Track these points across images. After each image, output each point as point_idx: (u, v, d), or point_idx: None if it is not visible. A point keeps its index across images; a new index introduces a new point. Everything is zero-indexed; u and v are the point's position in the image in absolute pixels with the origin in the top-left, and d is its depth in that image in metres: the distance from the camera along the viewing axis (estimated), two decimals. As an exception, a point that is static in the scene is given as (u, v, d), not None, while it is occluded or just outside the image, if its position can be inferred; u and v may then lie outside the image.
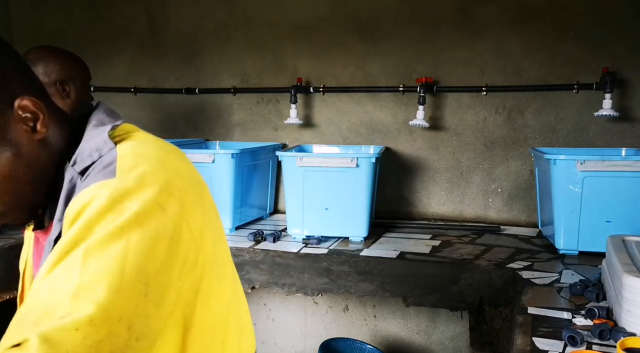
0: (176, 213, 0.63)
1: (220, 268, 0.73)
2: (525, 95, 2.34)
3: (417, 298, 1.90)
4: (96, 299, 0.52)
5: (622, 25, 2.18)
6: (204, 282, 0.68)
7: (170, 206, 0.62)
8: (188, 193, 0.66)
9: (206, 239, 0.68)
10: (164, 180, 0.64)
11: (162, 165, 0.66)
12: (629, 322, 1.24)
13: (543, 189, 2.14)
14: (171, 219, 0.62)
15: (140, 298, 0.55)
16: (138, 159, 0.65)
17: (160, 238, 0.59)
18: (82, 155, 0.69)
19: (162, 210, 0.61)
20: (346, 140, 2.61)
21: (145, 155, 0.67)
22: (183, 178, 0.67)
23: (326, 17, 2.54)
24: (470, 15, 2.36)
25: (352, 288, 1.96)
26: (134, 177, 0.62)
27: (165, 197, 0.62)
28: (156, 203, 0.61)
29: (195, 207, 0.66)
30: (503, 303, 1.80)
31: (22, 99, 0.67)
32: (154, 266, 0.58)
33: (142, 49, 2.86)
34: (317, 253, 1.99)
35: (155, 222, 0.60)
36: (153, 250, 0.58)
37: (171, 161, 0.68)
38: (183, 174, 0.68)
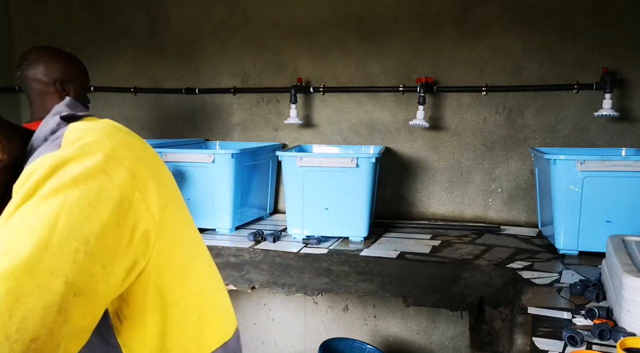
0: (125, 181, 0.62)
1: (194, 250, 0.74)
2: (525, 95, 2.34)
3: (417, 298, 1.90)
4: (20, 253, 0.52)
5: (622, 25, 2.19)
6: (178, 262, 0.69)
7: (118, 174, 0.62)
8: (141, 167, 0.65)
9: (172, 219, 0.68)
10: (111, 149, 0.63)
11: (110, 136, 0.66)
12: (629, 322, 1.24)
13: (543, 189, 2.14)
14: (118, 186, 0.61)
15: (77, 254, 0.55)
16: (84, 131, 0.65)
17: (102, 202, 0.59)
18: (37, 140, 0.70)
19: (107, 176, 0.61)
20: (346, 140, 2.61)
21: (93, 129, 0.66)
22: (134, 151, 0.67)
23: (326, 17, 2.54)
24: (470, 15, 2.36)
25: (352, 288, 1.96)
26: (78, 147, 0.62)
27: (113, 165, 0.62)
28: (99, 169, 0.60)
29: (149, 182, 0.66)
30: (503, 303, 1.80)
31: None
32: (95, 227, 0.57)
33: (142, 49, 2.86)
34: (317, 253, 1.99)
35: (98, 185, 0.59)
36: (93, 211, 0.58)
37: (122, 135, 0.68)
38: (134, 148, 0.67)
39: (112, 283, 0.60)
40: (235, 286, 2.09)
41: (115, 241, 0.59)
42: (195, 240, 0.76)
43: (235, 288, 2.10)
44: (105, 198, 0.59)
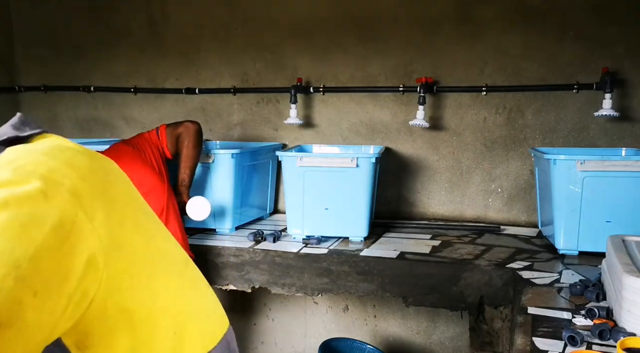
0: (65, 202, 0.57)
1: (162, 264, 0.70)
2: (525, 95, 2.34)
3: (417, 298, 1.90)
4: None
5: (622, 25, 2.18)
6: (142, 279, 0.64)
7: (57, 195, 0.57)
8: (85, 185, 0.61)
9: (130, 236, 0.64)
10: (48, 169, 0.59)
11: (48, 156, 0.61)
12: (629, 322, 1.24)
13: (543, 189, 2.14)
14: (56, 207, 0.56)
15: (4, 280, 0.50)
16: (20, 153, 0.61)
17: (37, 224, 0.54)
18: None
19: (44, 197, 0.56)
20: (346, 140, 2.61)
21: (29, 150, 0.62)
22: (77, 170, 0.62)
23: (326, 17, 2.54)
24: (470, 15, 2.36)
25: (352, 288, 1.96)
26: (11, 169, 0.57)
27: (51, 185, 0.57)
28: (36, 190, 0.56)
29: (96, 201, 0.61)
30: (503, 303, 1.80)
31: None
32: (28, 250, 0.53)
33: (142, 49, 2.86)
34: (317, 253, 1.99)
35: (32, 206, 0.55)
36: (25, 233, 0.53)
37: (65, 154, 0.63)
38: (78, 166, 0.62)
39: (49, 312, 0.55)
40: (235, 286, 2.09)
41: (53, 267, 0.54)
42: (162, 252, 0.71)
43: (235, 288, 2.10)
44: (41, 219, 0.55)
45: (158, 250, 0.70)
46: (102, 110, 2.93)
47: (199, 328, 0.73)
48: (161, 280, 0.68)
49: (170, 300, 0.69)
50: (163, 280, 0.68)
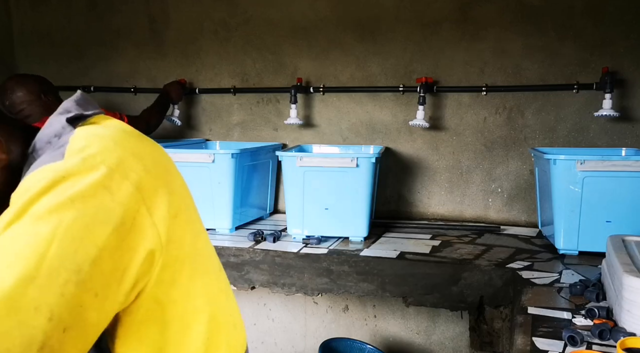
0: (129, 197, 0.57)
1: (204, 263, 0.69)
2: (525, 95, 2.34)
3: (417, 298, 1.90)
4: (2, 285, 0.48)
5: (622, 25, 2.18)
6: (184, 277, 0.63)
7: (122, 189, 0.57)
8: (149, 178, 0.60)
9: (181, 231, 0.63)
10: (116, 161, 0.58)
11: (117, 145, 0.61)
12: (629, 322, 1.24)
13: (543, 189, 2.14)
14: (121, 203, 0.56)
15: (66, 286, 0.50)
16: (90, 138, 0.60)
17: (101, 223, 0.54)
18: (40, 141, 0.65)
19: (109, 193, 0.56)
20: (346, 140, 2.61)
21: (100, 134, 0.62)
22: (142, 161, 0.61)
23: (326, 17, 2.54)
24: (470, 15, 2.36)
25: (352, 288, 1.96)
26: (81, 158, 0.57)
27: (117, 179, 0.57)
28: (101, 185, 0.55)
29: (158, 193, 0.60)
30: (503, 303, 1.80)
31: None
32: (90, 252, 0.53)
33: (142, 49, 2.86)
34: (317, 253, 1.99)
35: (97, 204, 0.54)
36: (89, 234, 0.53)
37: (132, 142, 0.63)
38: (143, 156, 0.62)
39: (108, 310, 0.56)
40: (235, 286, 2.09)
41: (113, 266, 0.55)
42: (205, 251, 0.70)
43: (235, 288, 2.10)
44: (105, 218, 0.55)
45: (202, 250, 0.69)
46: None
47: (227, 338, 0.71)
48: (199, 281, 0.67)
49: (206, 303, 0.67)
50: (201, 280, 0.67)
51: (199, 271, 0.67)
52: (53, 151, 0.60)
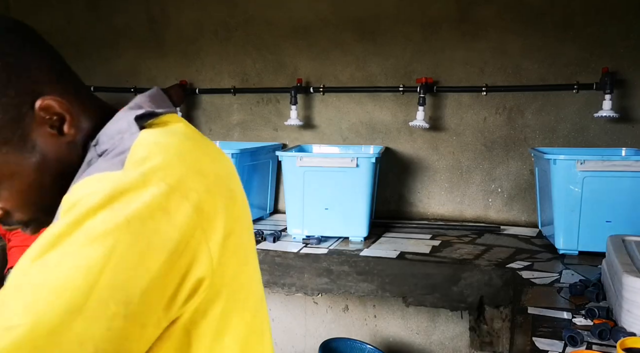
0: (187, 220, 0.52)
1: (244, 299, 0.62)
2: (525, 95, 2.34)
3: (417, 298, 1.90)
4: (47, 315, 0.45)
5: (622, 25, 2.18)
6: (217, 310, 0.57)
7: (180, 211, 0.52)
8: (210, 198, 0.56)
9: (229, 257, 0.57)
10: (177, 178, 0.54)
11: (181, 159, 0.56)
12: (629, 322, 1.24)
13: (543, 189, 2.14)
14: (177, 227, 0.52)
15: (115, 320, 0.47)
16: (153, 148, 0.56)
17: (156, 249, 0.50)
18: (104, 136, 0.61)
19: (167, 215, 0.51)
20: (346, 140, 2.61)
21: (164, 145, 0.57)
22: (205, 179, 0.56)
23: (326, 17, 2.54)
24: (470, 15, 2.36)
25: (352, 288, 1.96)
26: (141, 173, 0.52)
27: (176, 200, 0.52)
28: (159, 206, 0.51)
29: (217, 216, 0.56)
30: (503, 303, 1.80)
31: (44, 100, 0.59)
32: (141, 284, 0.49)
33: (142, 49, 2.86)
34: (317, 253, 1.99)
35: (154, 228, 0.50)
36: (142, 263, 0.49)
37: (196, 156, 0.59)
38: (207, 173, 0.57)
39: (150, 339, 0.52)
40: (235, 286, 2.09)
41: (162, 294, 0.51)
42: (248, 284, 0.63)
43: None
44: (160, 244, 0.50)
45: (245, 282, 0.62)
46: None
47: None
48: (235, 318, 0.60)
49: (235, 343, 0.60)
50: (236, 318, 0.60)
51: (236, 307, 0.60)
52: (113, 157, 0.56)
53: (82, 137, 0.64)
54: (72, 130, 0.62)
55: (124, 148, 0.57)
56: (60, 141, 0.62)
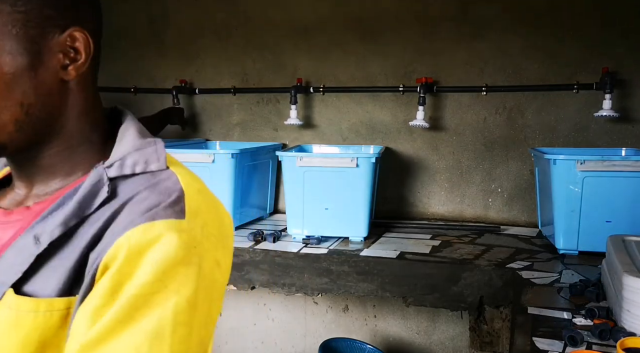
0: (227, 267, 0.61)
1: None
2: (525, 95, 2.34)
3: (417, 298, 1.90)
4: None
5: (622, 25, 2.18)
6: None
7: (224, 261, 0.59)
8: (230, 239, 0.64)
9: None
10: (219, 230, 0.60)
11: (217, 210, 0.62)
12: (629, 322, 1.24)
13: (543, 189, 2.14)
14: (224, 275, 0.59)
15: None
16: (200, 199, 0.60)
17: (216, 299, 0.57)
18: (123, 160, 0.61)
19: (219, 267, 0.58)
20: (346, 140, 2.61)
21: (204, 194, 0.62)
22: (229, 227, 0.64)
23: (326, 17, 2.54)
24: (470, 15, 2.36)
25: (352, 288, 1.96)
26: (201, 226, 0.56)
27: (222, 252, 0.59)
28: (215, 260, 0.57)
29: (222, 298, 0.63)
30: (503, 303, 1.80)
31: (82, 31, 0.62)
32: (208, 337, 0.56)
33: (142, 49, 2.86)
34: (317, 253, 1.99)
35: (215, 280, 0.57)
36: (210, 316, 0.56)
37: (220, 205, 0.65)
38: (226, 221, 0.64)
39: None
40: (235, 286, 2.09)
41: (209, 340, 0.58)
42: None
43: (235, 288, 2.10)
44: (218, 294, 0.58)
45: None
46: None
47: None
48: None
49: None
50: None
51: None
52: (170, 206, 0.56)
53: (75, 95, 0.63)
54: (74, 73, 0.62)
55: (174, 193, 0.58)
56: (57, 74, 0.60)
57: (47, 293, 0.54)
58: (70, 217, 0.57)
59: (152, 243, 0.52)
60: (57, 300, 0.54)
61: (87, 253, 0.55)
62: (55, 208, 0.59)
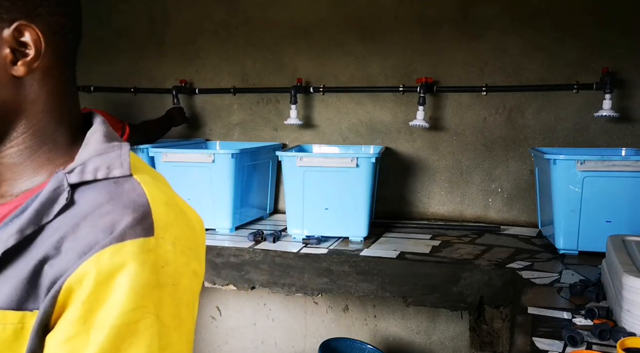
0: (203, 271, 0.61)
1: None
2: (525, 95, 2.34)
3: (417, 298, 1.90)
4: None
5: (622, 25, 2.18)
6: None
7: (200, 269, 0.60)
8: (203, 245, 0.64)
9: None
10: (193, 240, 0.59)
11: (187, 219, 0.61)
12: (628, 322, 1.24)
13: (543, 189, 2.14)
14: (200, 281, 0.60)
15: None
16: (168, 212, 0.57)
17: (195, 305, 0.58)
18: (85, 166, 0.58)
19: (197, 277, 0.58)
20: (346, 140, 2.61)
21: (171, 205, 0.59)
22: (201, 232, 0.64)
23: (326, 17, 2.54)
24: (470, 15, 2.36)
25: (352, 288, 1.96)
26: (172, 242, 0.55)
27: (196, 261, 0.59)
28: (192, 272, 0.57)
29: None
30: (503, 303, 1.80)
31: (27, 25, 0.57)
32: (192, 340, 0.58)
33: (142, 49, 2.86)
34: (317, 253, 1.99)
35: (193, 292, 0.57)
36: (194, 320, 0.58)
37: (188, 212, 0.63)
38: (197, 228, 0.63)
39: None
40: (235, 286, 2.09)
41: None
42: None
43: (235, 288, 2.10)
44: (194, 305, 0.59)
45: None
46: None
47: None
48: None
49: None
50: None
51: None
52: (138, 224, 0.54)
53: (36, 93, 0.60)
54: (22, 70, 0.58)
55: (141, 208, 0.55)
56: (7, 70, 0.57)
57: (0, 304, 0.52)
58: (26, 225, 0.54)
59: (121, 267, 0.50)
60: (10, 313, 0.52)
61: (42, 264, 0.53)
62: (17, 215, 0.56)
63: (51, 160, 0.62)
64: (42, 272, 0.52)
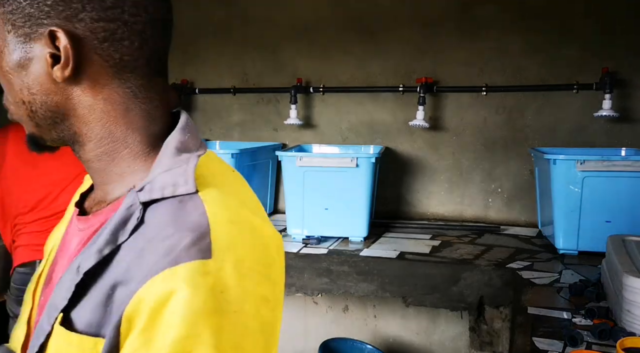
0: (277, 298, 0.54)
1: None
2: (525, 95, 2.34)
3: (417, 298, 1.90)
4: None
5: (622, 25, 2.18)
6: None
7: (272, 293, 0.53)
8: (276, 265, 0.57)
9: None
10: (262, 260, 0.54)
11: (257, 237, 0.55)
12: (628, 322, 1.24)
13: (543, 189, 2.14)
14: (273, 310, 0.53)
15: None
16: (232, 230, 0.53)
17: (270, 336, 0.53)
18: (153, 184, 0.56)
19: (267, 303, 0.52)
20: (346, 140, 2.61)
21: (237, 222, 0.55)
22: (277, 250, 0.58)
23: (326, 17, 2.54)
24: (470, 15, 2.36)
25: (352, 289, 1.96)
26: (233, 264, 0.50)
27: (266, 285, 0.53)
28: (261, 297, 0.51)
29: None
30: (503, 303, 1.80)
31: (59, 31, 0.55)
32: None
33: (142, 49, 2.86)
34: (317, 253, 1.99)
35: (264, 322, 0.51)
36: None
37: (261, 229, 0.57)
38: (271, 246, 0.57)
39: None
40: (235, 286, 2.09)
41: None
42: None
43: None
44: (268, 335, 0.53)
45: None
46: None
47: None
48: None
49: None
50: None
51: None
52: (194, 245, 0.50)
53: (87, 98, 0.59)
54: (59, 75, 0.57)
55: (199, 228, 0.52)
56: (49, 75, 0.57)
57: (81, 327, 0.52)
58: (104, 245, 0.54)
59: (173, 292, 0.47)
60: (86, 338, 0.51)
61: (114, 289, 0.52)
62: (99, 234, 0.56)
63: (131, 167, 0.61)
64: (113, 297, 0.51)
